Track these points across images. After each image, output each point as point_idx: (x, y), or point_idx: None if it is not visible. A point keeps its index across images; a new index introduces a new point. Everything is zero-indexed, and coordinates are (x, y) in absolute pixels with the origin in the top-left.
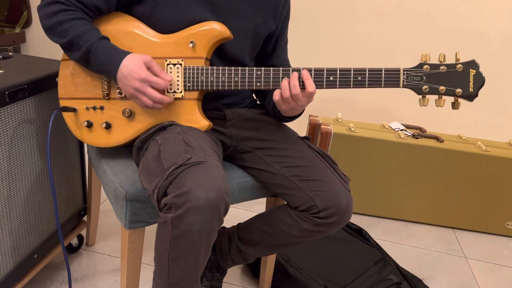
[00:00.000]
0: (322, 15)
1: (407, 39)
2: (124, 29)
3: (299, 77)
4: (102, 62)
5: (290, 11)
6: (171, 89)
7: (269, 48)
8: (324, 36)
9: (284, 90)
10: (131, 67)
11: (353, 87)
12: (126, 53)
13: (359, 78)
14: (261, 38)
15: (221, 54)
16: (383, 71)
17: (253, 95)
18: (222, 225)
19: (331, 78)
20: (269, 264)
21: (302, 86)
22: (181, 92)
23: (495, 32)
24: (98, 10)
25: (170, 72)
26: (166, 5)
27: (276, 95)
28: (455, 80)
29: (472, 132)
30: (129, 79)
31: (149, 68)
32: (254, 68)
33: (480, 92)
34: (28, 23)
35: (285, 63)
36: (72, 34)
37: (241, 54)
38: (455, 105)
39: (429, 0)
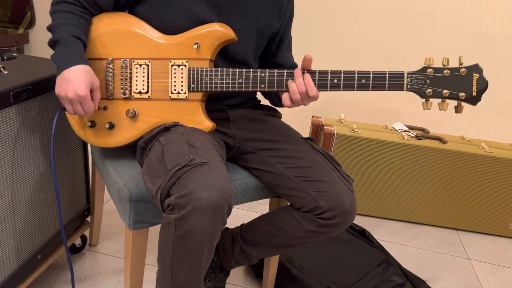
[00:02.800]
0: (325, 15)
1: (410, 41)
2: (128, 30)
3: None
4: (60, 55)
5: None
6: (175, 90)
7: (273, 47)
8: (327, 37)
9: (294, 94)
10: (78, 77)
11: (357, 90)
12: (86, 62)
13: (363, 81)
14: (265, 38)
15: (224, 54)
16: (387, 74)
17: (257, 95)
18: (225, 226)
19: (335, 81)
20: (272, 265)
21: None
22: (185, 93)
23: (498, 33)
24: (96, 5)
25: (175, 73)
26: (170, 5)
27: (286, 101)
28: (459, 84)
29: (475, 133)
30: (69, 85)
31: (91, 91)
32: (258, 70)
33: (484, 93)
34: (31, 23)
35: (290, 62)
36: (54, 23)
37: (245, 54)
38: (458, 109)
39: (432, 1)
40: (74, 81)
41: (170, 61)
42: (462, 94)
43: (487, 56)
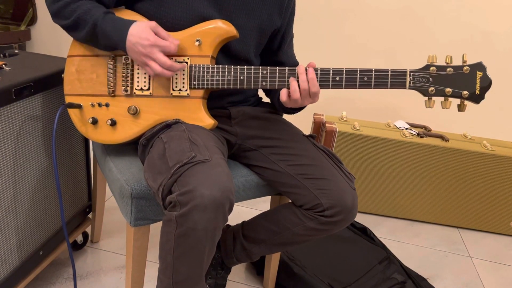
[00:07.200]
0: (326, 14)
1: (412, 39)
2: None
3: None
4: (109, 34)
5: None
6: (176, 87)
7: (275, 44)
8: (328, 36)
9: (294, 92)
10: (139, 34)
11: (359, 88)
12: (132, 22)
13: (365, 79)
14: (267, 34)
15: (226, 51)
16: (390, 72)
17: (258, 93)
18: (227, 223)
19: (337, 79)
20: (273, 262)
21: None
22: (186, 90)
23: (501, 31)
24: (99, 2)
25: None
26: (172, 2)
27: (283, 96)
28: (462, 82)
29: (477, 131)
30: (138, 46)
31: (156, 34)
32: (260, 67)
33: (487, 91)
34: (33, 20)
35: (292, 59)
36: (79, 12)
37: (246, 51)
38: (461, 107)
39: (434, 0)
40: (139, 40)
41: (172, 58)
42: (465, 92)
43: (489, 53)
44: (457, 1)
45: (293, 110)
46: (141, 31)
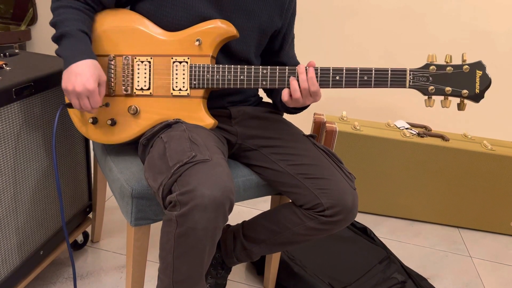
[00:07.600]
0: (327, 14)
1: (412, 39)
2: (130, 26)
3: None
4: (68, 49)
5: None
6: (176, 86)
7: (276, 45)
8: (328, 36)
9: (295, 92)
10: (86, 71)
11: (359, 87)
12: (94, 56)
13: (365, 78)
14: (267, 35)
15: (226, 52)
16: (390, 71)
17: (259, 93)
18: (227, 223)
19: (337, 78)
20: (273, 262)
21: None
22: (186, 90)
23: (501, 31)
24: (99, 1)
25: (176, 70)
26: (172, 2)
27: (285, 96)
28: (461, 81)
29: (477, 131)
30: (78, 78)
31: (98, 86)
32: (260, 66)
33: (487, 90)
34: (33, 20)
35: (293, 60)
36: (60, 17)
37: (246, 51)
38: (461, 106)
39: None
40: (83, 75)
41: (172, 58)
42: (465, 91)
43: (489, 53)
44: (457, 1)
45: (296, 110)
46: (91, 71)
